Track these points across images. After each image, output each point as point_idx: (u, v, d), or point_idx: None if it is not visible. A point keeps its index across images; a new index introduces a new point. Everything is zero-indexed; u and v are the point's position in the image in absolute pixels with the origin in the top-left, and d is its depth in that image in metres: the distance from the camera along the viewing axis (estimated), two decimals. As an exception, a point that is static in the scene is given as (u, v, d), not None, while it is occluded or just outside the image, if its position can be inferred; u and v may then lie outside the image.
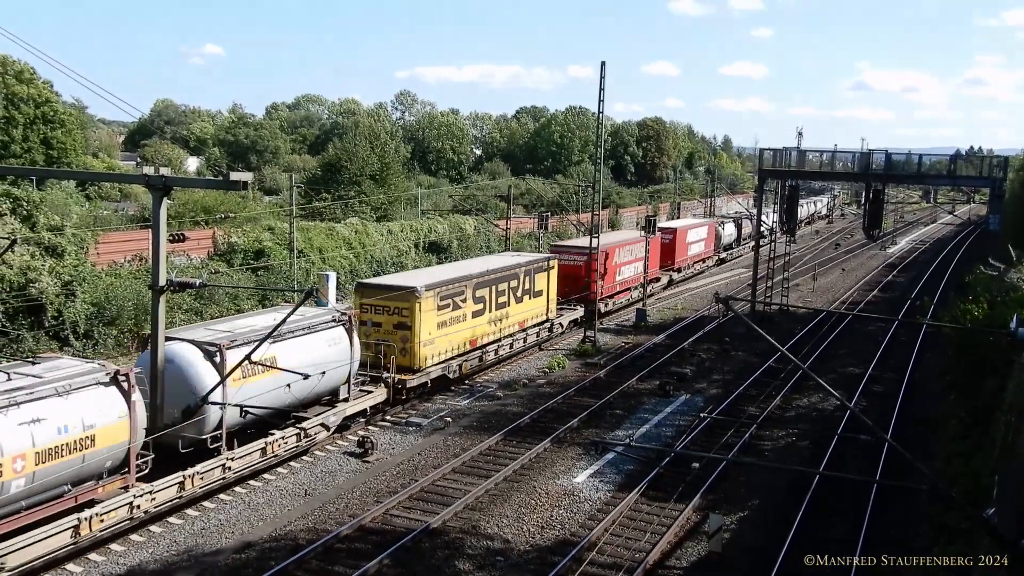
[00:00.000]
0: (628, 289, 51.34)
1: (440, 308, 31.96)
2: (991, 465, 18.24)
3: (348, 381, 27.30)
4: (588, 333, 42.01)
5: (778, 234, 54.23)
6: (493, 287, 35.99)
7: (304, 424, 25.27)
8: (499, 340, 36.79)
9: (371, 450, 26.46)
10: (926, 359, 40.12)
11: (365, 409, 28.21)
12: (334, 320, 26.89)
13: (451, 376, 33.04)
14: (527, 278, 38.69)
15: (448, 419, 30.04)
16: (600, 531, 21.21)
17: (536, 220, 64.66)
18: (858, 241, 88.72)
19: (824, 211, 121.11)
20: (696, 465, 25.07)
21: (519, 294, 38.04)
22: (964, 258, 75.07)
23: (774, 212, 60.82)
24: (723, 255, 74.61)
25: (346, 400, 27.43)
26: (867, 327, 47.64)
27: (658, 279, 56.84)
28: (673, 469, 25.00)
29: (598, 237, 42.77)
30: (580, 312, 43.95)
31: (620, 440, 28.04)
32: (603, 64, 39.65)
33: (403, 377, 30.03)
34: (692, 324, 47.01)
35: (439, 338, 32.12)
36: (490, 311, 35.74)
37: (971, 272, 33.39)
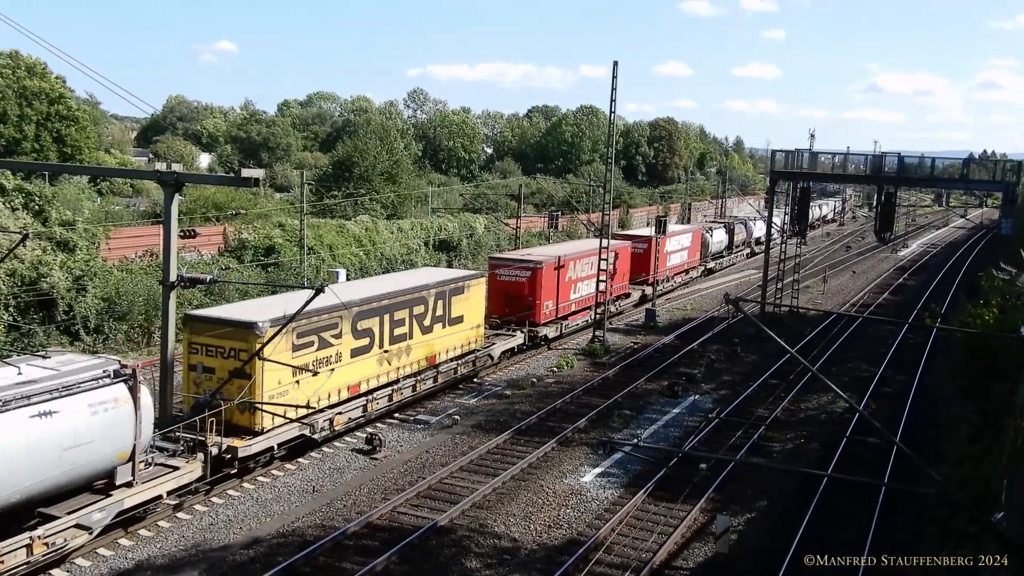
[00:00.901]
0: (588, 308, 44.31)
1: (298, 348, 24.63)
2: (1000, 470, 18.16)
3: (132, 459, 19.45)
4: (597, 333, 41.99)
5: (788, 235, 54.02)
6: (385, 316, 28.66)
7: (41, 530, 17.62)
8: (396, 383, 29.74)
9: (379, 447, 26.52)
10: (936, 362, 39.96)
11: (161, 495, 20.48)
12: (107, 375, 19.21)
13: (317, 436, 25.68)
14: (439, 302, 31.72)
15: (456, 417, 30.07)
16: (607, 531, 21.20)
17: (547, 219, 64.72)
18: (869, 244, 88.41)
19: (830, 215, 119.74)
20: (704, 466, 25.04)
21: (427, 322, 31.10)
22: (976, 262, 74.72)
23: (785, 214, 60.19)
24: (711, 265, 68.66)
25: (129, 484, 19.55)
26: (877, 330, 47.49)
27: (628, 295, 50.63)
28: (681, 470, 24.98)
29: (608, 238, 42.72)
30: (519, 339, 38.17)
31: (628, 440, 28.00)
32: (615, 64, 39.65)
33: (234, 443, 22.80)
34: (701, 325, 46.93)
35: (294, 387, 24.71)
36: (380, 346, 28.53)
37: (984, 276, 33.21)
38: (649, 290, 52.87)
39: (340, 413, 26.80)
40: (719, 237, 70.39)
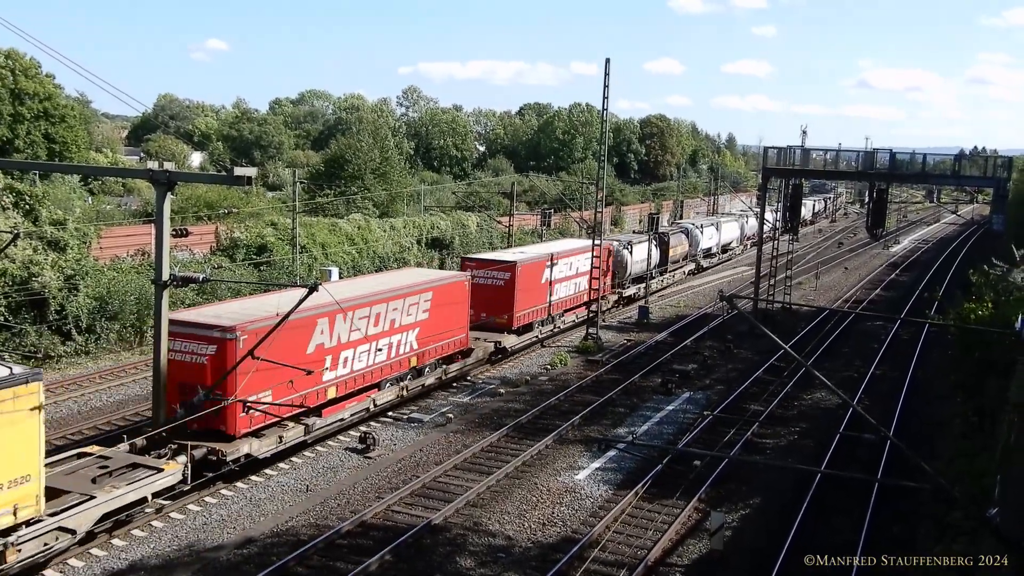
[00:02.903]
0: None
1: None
2: (995, 465, 18.19)
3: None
4: (591, 330, 41.98)
5: (779, 232, 54.07)
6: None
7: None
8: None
9: (373, 446, 26.45)
10: (930, 358, 40.07)
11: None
12: None
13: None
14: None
15: (450, 415, 30.03)
16: (602, 528, 21.19)
17: (539, 217, 64.69)
18: (861, 240, 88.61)
19: (816, 211, 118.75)
20: (698, 463, 25.08)
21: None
22: (967, 258, 74.97)
23: (776, 211, 60.01)
24: (630, 290, 52.42)
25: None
26: (870, 325, 47.59)
27: (467, 351, 34.30)
28: (675, 467, 24.98)
29: (601, 237, 42.70)
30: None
31: (622, 437, 28.02)
32: (607, 61, 39.60)
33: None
34: (695, 322, 46.96)
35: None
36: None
37: (975, 272, 33.28)
38: (512, 339, 37.95)
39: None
40: (641, 254, 52.75)
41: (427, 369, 31.70)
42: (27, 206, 36.12)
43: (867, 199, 54.10)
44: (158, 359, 21.85)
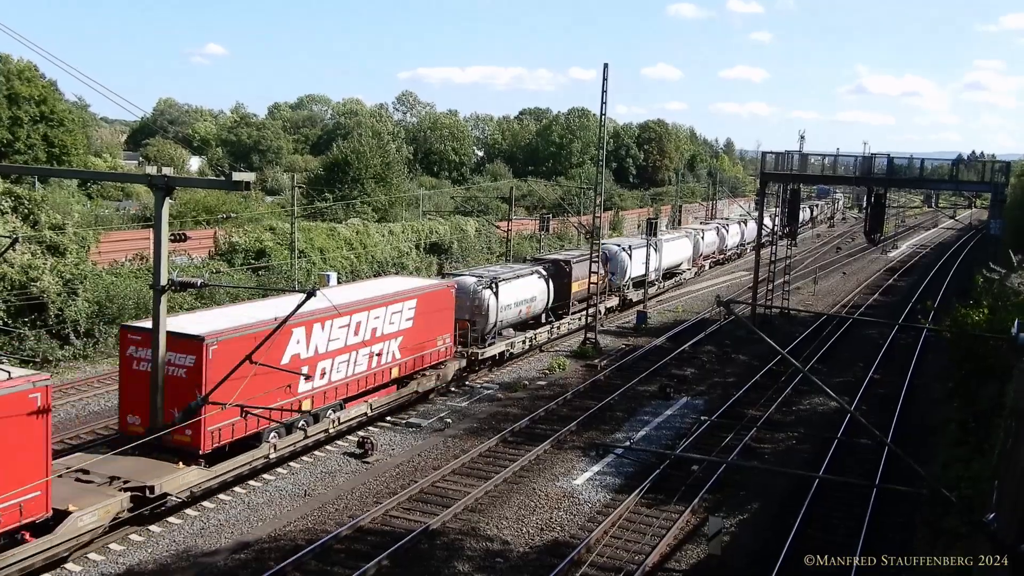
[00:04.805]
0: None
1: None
2: (991, 470, 18.22)
3: None
4: (589, 335, 41.99)
5: (776, 237, 54.11)
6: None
7: None
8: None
9: (371, 451, 26.45)
10: (927, 363, 40.10)
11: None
12: None
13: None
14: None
15: (448, 420, 30.04)
16: (600, 533, 21.20)
17: (538, 222, 64.75)
18: (859, 245, 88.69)
19: (815, 216, 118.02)
20: (696, 468, 25.11)
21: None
22: (965, 263, 75.03)
23: (775, 215, 59.82)
24: (500, 347, 37.21)
25: None
26: (868, 331, 47.63)
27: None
28: (673, 472, 25.00)
29: (599, 241, 42.68)
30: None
31: (620, 442, 28.05)
32: (606, 66, 39.65)
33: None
34: (693, 327, 46.98)
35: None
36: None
37: (976, 276, 33.35)
38: (191, 474, 21.54)
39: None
40: (521, 294, 38.83)
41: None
42: (26, 210, 36.12)
43: (865, 204, 54.17)
44: (155, 364, 21.86)
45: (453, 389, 33.73)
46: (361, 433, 28.00)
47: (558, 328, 42.77)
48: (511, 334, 39.26)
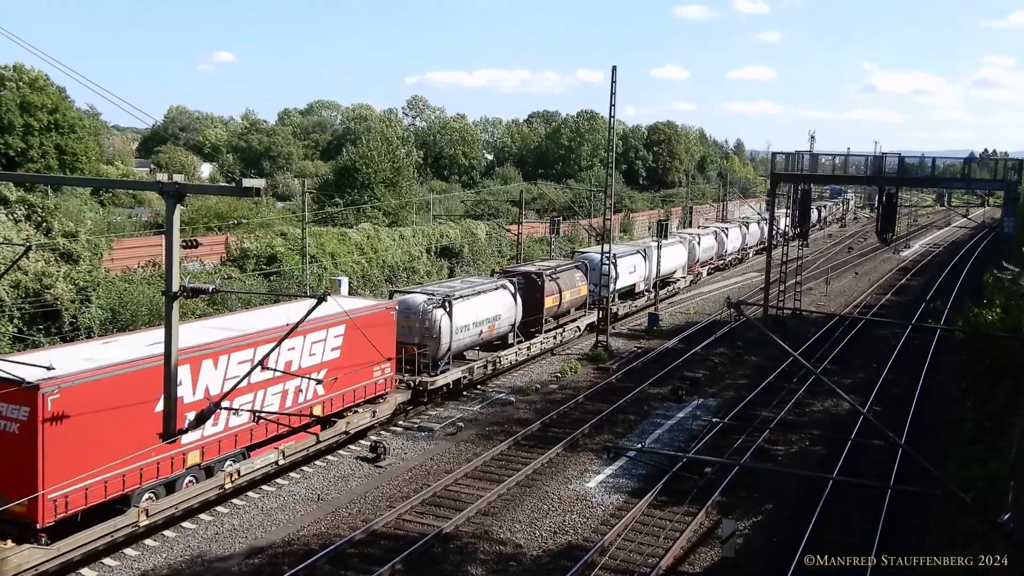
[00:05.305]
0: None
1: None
2: (1007, 470, 18.10)
3: None
4: (600, 338, 41.94)
5: (787, 237, 53.94)
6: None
7: None
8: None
9: (383, 455, 26.49)
10: (941, 363, 39.89)
11: None
12: None
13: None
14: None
15: (460, 424, 30.05)
16: (613, 536, 21.17)
17: (548, 225, 64.74)
18: (871, 245, 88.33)
19: (825, 216, 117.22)
20: (709, 470, 25.03)
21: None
22: (978, 261, 74.60)
23: (786, 215, 59.50)
24: (443, 381, 32.44)
25: None
26: (880, 331, 47.42)
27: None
28: (686, 474, 24.94)
29: (610, 244, 42.59)
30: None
31: (632, 445, 28.00)
32: (614, 69, 39.70)
33: None
34: (704, 329, 46.87)
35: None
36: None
37: (986, 275, 33.14)
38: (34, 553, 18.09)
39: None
40: (499, 307, 36.04)
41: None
42: (39, 218, 36.30)
43: (877, 203, 53.97)
44: (168, 371, 21.92)
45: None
46: (374, 437, 28.06)
47: (528, 349, 38.32)
48: (477, 356, 35.79)
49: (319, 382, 23.96)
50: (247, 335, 22.98)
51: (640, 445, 27.98)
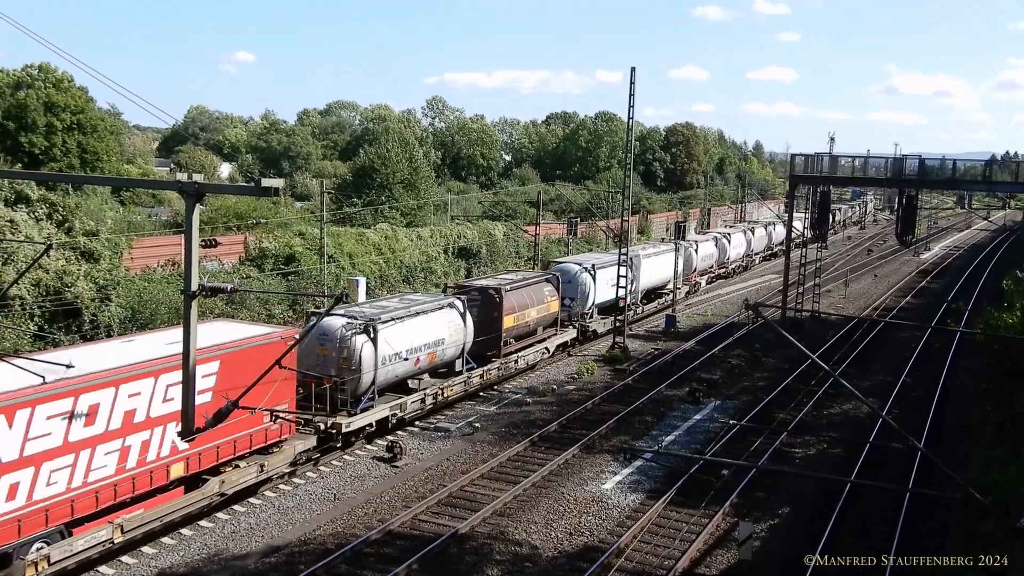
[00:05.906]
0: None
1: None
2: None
3: None
4: (618, 339, 41.86)
5: (806, 240, 53.60)
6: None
7: None
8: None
9: (400, 455, 26.55)
10: (960, 366, 39.56)
11: None
12: None
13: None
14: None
15: (476, 425, 30.07)
16: (629, 538, 21.12)
17: (566, 226, 64.71)
18: (891, 247, 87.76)
19: (846, 218, 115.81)
20: (726, 472, 24.93)
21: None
22: (999, 265, 73.97)
23: (805, 218, 58.92)
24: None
25: None
26: (900, 334, 47.09)
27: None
28: (702, 476, 24.84)
29: (627, 246, 42.48)
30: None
31: (649, 447, 27.92)
32: (633, 70, 39.61)
33: None
34: (722, 330, 46.70)
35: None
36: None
37: (1005, 279, 32.87)
38: None
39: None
40: (443, 330, 31.42)
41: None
42: (60, 217, 36.63)
43: (896, 206, 53.61)
44: (187, 368, 22.05)
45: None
46: (390, 437, 28.12)
47: (481, 377, 33.24)
48: (425, 382, 31.07)
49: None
50: (65, 380, 17.89)
51: (657, 447, 27.87)
